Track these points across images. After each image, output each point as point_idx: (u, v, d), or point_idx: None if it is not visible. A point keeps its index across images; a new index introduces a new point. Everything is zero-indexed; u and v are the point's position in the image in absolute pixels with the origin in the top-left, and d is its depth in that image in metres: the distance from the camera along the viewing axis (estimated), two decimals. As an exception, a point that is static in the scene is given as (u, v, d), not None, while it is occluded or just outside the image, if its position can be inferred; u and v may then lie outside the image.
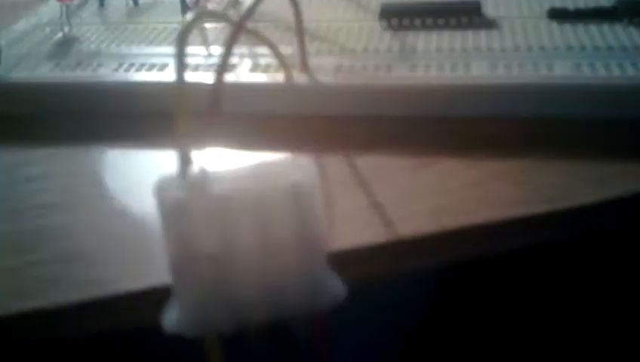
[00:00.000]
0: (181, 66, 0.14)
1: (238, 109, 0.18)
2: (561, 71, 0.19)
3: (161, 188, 0.13)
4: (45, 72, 0.22)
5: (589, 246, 0.17)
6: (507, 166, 0.17)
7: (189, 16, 0.15)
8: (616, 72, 0.18)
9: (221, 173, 0.13)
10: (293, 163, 0.14)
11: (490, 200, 0.16)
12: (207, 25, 0.24)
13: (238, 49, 0.22)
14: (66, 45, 0.24)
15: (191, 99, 0.13)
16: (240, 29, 0.15)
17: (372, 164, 0.18)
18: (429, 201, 0.16)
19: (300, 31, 0.20)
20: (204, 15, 0.17)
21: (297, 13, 0.19)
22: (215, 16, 0.17)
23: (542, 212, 0.15)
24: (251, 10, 0.16)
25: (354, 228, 0.15)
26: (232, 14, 0.24)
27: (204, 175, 0.13)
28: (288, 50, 0.22)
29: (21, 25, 0.26)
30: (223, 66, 0.14)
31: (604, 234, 0.16)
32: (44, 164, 0.19)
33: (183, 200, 0.13)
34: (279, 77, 0.20)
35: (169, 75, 0.21)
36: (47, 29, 0.26)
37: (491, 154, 0.18)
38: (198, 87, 0.19)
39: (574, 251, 0.17)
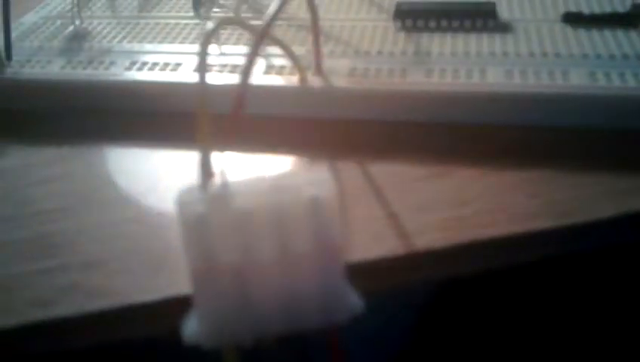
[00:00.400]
0: (203, 78, 0.14)
1: (252, 111, 0.18)
2: (577, 80, 0.19)
3: (183, 201, 0.13)
4: (57, 69, 0.22)
5: (604, 259, 0.17)
6: (522, 177, 0.17)
7: (211, 23, 0.15)
8: (631, 81, 0.18)
9: (242, 186, 0.13)
10: (312, 176, 0.14)
11: (504, 213, 0.16)
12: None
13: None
14: (77, 40, 0.24)
15: (210, 102, 0.13)
16: (263, 38, 0.15)
17: (386, 171, 0.18)
18: (443, 213, 0.16)
19: (315, 34, 0.20)
20: (226, 22, 0.17)
21: (314, 16, 0.19)
22: (237, 23, 0.17)
23: (558, 226, 0.15)
24: (274, 18, 0.16)
25: (368, 240, 0.16)
26: (249, 15, 0.24)
27: (225, 188, 0.13)
28: (301, 50, 0.22)
29: (30, 17, 0.26)
30: (247, 72, 0.14)
31: (620, 247, 0.16)
32: (59, 165, 0.19)
33: (205, 214, 0.13)
34: (293, 79, 0.20)
35: (182, 75, 0.21)
36: (58, 22, 0.26)
37: (506, 164, 0.18)
38: (213, 88, 0.19)
39: (589, 264, 0.18)
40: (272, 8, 0.16)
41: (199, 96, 0.14)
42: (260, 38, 0.15)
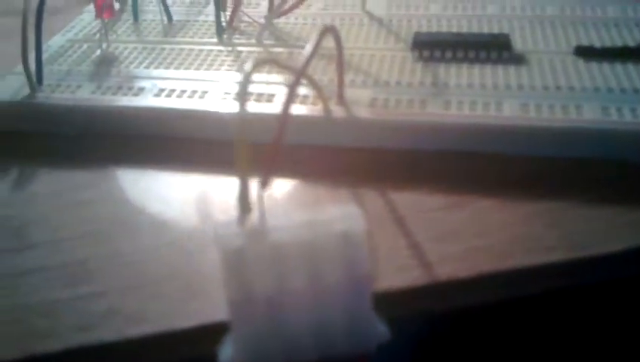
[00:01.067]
0: (243, 114, 0.15)
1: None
2: (590, 114, 0.20)
3: (222, 235, 0.14)
4: (88, 95, 0.23)
5: (616, 292, 0.18)
6: (537, 208, 0.18)
7: (249, 65, 0.15)
8: (642, 117, 0.19)
9: (277, 220, 0.14)
10: (343, 211, 0.15)
11: (522, 244, 0.17)
12: (242, 48, 0.25)
13: (276, 78, 0.23)
14: (105, 65, 0.25)
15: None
16: (300, 78, 0.16)
17: (407, 201, 0.19)
18: (463, 243, 0.17)
19: (340, 67, 0.21)
20: (263, 62, 0.17)
21: (340, 51, 0.20)
22: (274, 63, 0.18)
23: (571, 258, 0.16)
24: (310, 59, 0.16)
25: (393, 270, 0.16)
26: (269, 41, 0.24)
27: (261, 222, 0.14)
28: (324, 79, 0.22)
29: (58, 39, 0.27)
30: (286, 112, 0.15)
31: (632, 280, 0.17)
32: (90, 190, 0.20)
33: (243, 247, 0.14)
34: (317, 109, 0.21)
35: (210, 103, 0.22)
36: (85, 46, 0.26)
37: (522, 195, 0.18)
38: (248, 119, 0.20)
39: (601, 296, 0.18)
40: (307, 49, 0.16)
41: (239, 133, 0.14)
42: (298, 79, 0.16)
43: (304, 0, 0.26)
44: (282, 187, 0.20)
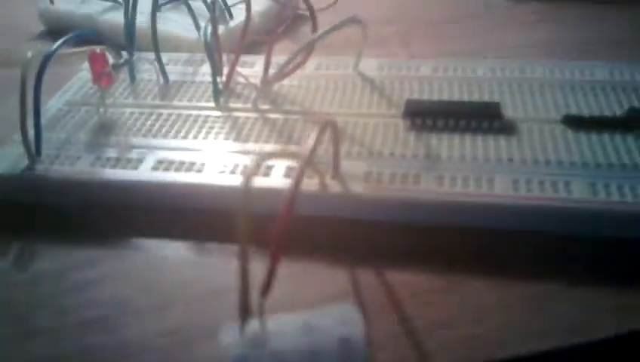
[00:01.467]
0: (247, 211, 0.15)
1: (272, 211, 0.19)
2: (578, 191, 0.20)
3: (224, 342, 0.15)
4: (87, 167, 0.23)
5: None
6: (531, 290, 0.19)
7: (253, 160, 0.16)
8: (629, 196, 0.20)
9: (277, 326, 0.15)
10: (343, 315, 0.15)
11: (517, 330, 0.17)
12: (238, 113, 0.26)
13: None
14: (103, 132, 0.25)
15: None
16: (308, 164, 0.17)
17: (403, 282, 0.19)
18: (461, 329, 0.18)
19: (336, 147, 0.21)
20: (267, 157, 0.18)
21: (336, 138, 0.21)
22: (279, 156, 0.19)
23: (564, 345, 0.17)
24: (314, 149, 0.17)
25: (392, 359, 0.17)
26: (266, 106, 0.25)
27: (262, 328, 0.15)
28: (319, 148, 0.23)
29: (54, 102, 0.27)
30: (292, 200, 0.15)
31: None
32: (93, 268, 0.21)
33: (245, 354, 0.14)
34: (312, 183, 0.21)
35: (208, 176, 0.22)
36: (82, 110, 0.27)
37: (515, 276, 0.19)
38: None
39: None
40: (311, 140, 0.17)
41: (243, 238, 0.15)
42: (305, 166, 0.16)
43: (299, 67, 0.26)
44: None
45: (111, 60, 0.27)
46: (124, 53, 0.29)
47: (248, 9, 0.27)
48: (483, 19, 0.37)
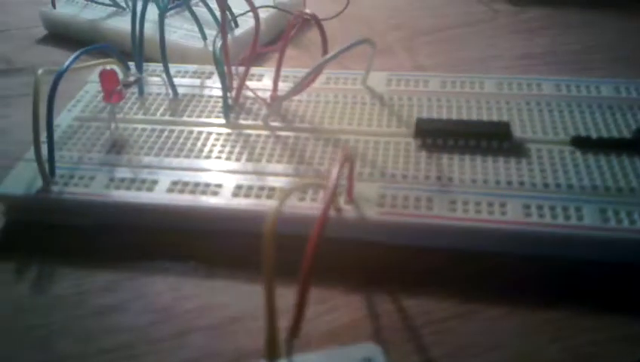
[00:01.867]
0: (270, 266, 0.15)
1: (286, 233, 0.19)
2: (589, 218, 0.21)
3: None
4: (101, 189, 0.23)
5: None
6: (543, 317, 0.19)
7: (275, 203, 0.16)
8: (638, 222, 0.20)
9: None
10: (365, 352, 0.16)
11: (530, 360, 0.18)
12: (249, 131, 0.26)
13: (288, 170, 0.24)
14: (115, 150, 0.25)
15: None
16: (333, 195, 0.17)
17: (419, 308, 0.20)
18: (477, 358, 0.18)
19: (351, 174, 0.21)
20: (290, 192, 0.18)
21: (351, 168, 0.21)
22: (299, 189, 0.19)
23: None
24: (337, 180, 0.17)
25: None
26: (276, 124, 0.25)
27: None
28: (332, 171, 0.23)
29: (65, 118, 0.27)
30: (321, 228, 0.16)
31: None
32: (111, 294, 0.21)
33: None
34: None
35: (224, 199, 0.22)
36: (93, 126, 0.27)
37: (529, 302, 0.20)
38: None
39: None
40: (334, 173, 0.17)
41: (267, 281, 0.15)
42: (331, 197, 0.17)
43: (308, 85, 0.26)
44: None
45: (121, 76, 0.27)
46: (133, 68, 0.29)
47: (257, 26, 0.27)
48: (486, 25, 0.37)
